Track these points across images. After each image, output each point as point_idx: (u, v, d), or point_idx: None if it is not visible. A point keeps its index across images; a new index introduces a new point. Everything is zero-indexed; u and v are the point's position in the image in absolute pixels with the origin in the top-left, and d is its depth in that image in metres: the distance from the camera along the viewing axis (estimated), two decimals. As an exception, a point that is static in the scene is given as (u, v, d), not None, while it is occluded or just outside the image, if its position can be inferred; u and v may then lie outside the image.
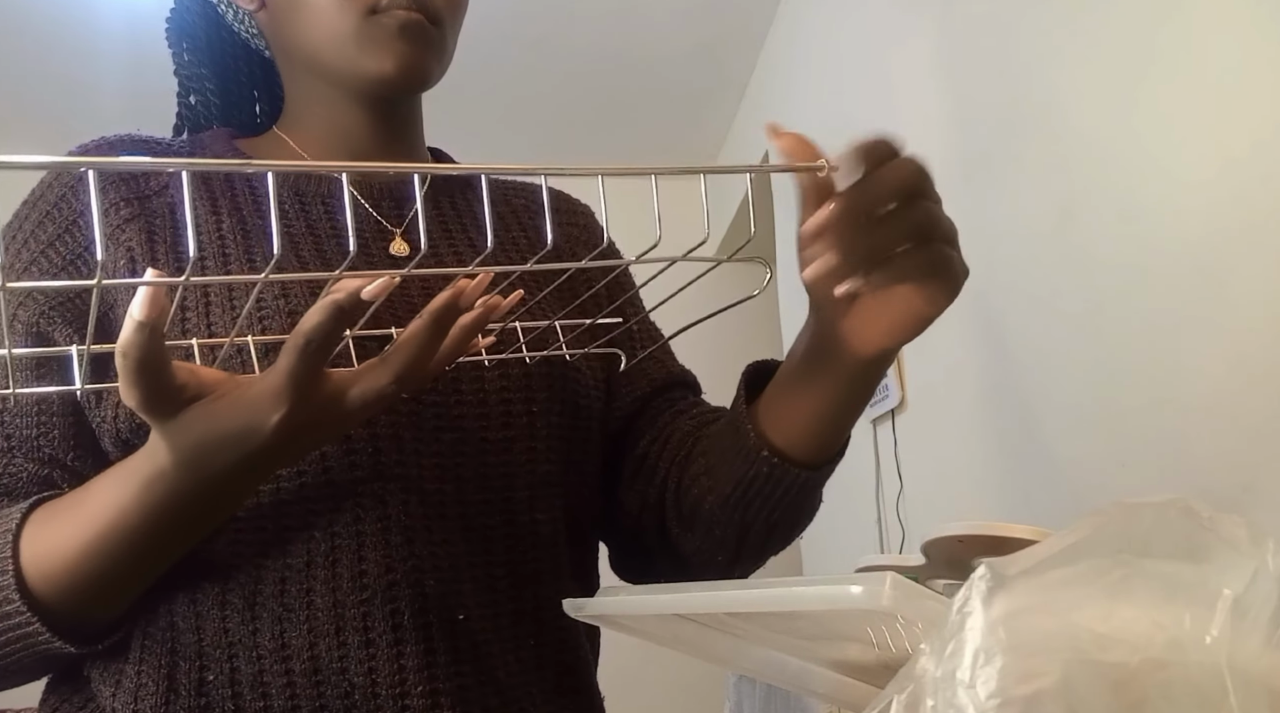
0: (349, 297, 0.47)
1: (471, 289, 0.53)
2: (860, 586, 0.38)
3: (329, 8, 0.72)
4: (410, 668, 0.65)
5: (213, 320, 0.66)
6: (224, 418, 0.51)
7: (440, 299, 0.52)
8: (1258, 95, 1.04)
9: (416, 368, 0.53)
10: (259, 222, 0.72)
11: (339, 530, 0.66)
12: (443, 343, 0.54)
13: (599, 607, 0.58)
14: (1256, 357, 1.05)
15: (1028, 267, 1.54)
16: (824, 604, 0.42)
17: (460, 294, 0.52)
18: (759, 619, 0.56)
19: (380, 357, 0.54)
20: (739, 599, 0.48)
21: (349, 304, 0.48)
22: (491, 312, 0.55)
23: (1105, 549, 0.35)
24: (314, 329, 0.48)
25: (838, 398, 0.65)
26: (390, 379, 0.53)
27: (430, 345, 0.53)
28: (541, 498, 0.73)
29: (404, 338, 0.53)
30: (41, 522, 0.60)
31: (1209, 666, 0.31)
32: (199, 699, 0.65)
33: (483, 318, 0.54)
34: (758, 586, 0.45)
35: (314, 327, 0.48)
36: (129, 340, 0.46)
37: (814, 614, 0.51)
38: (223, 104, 0.84)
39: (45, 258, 0.69)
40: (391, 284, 0.48)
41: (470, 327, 0.54)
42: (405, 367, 0.53)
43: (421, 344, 0.52)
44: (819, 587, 0.41)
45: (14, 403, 0.66)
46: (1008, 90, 1.61)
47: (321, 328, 0.48)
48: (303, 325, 0.49)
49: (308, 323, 0.48)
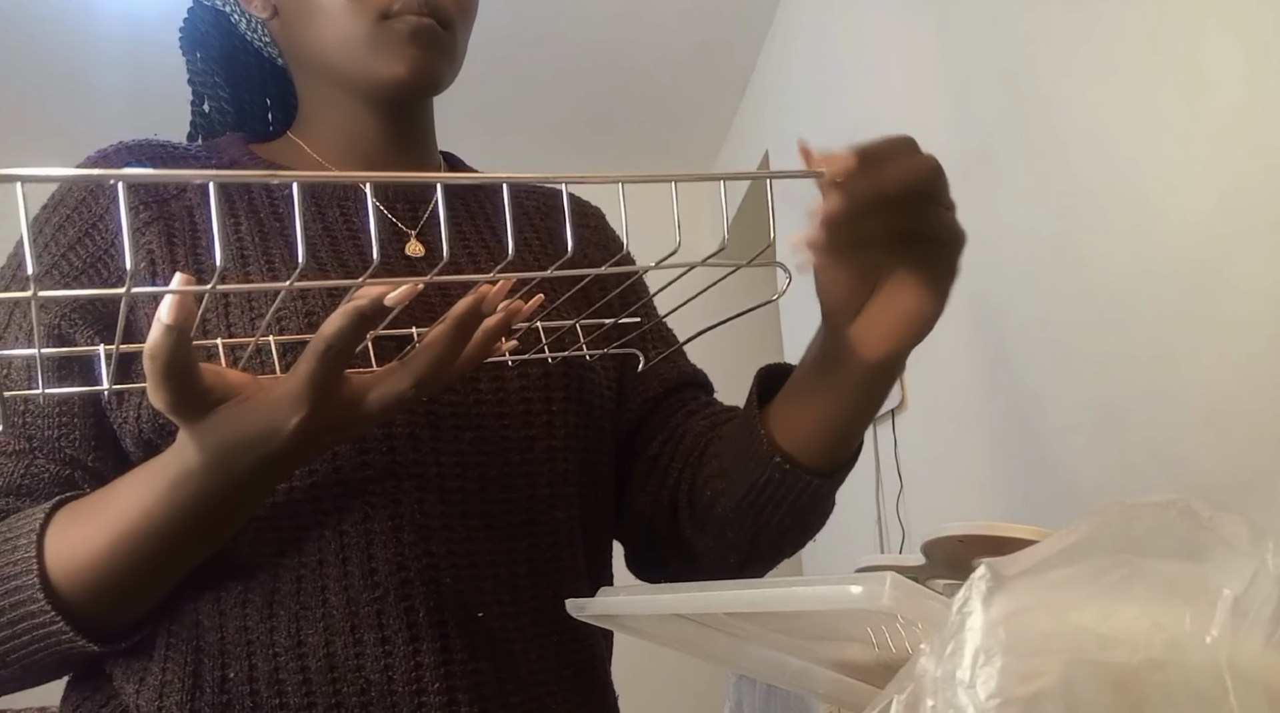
0: (372, 303, 0.48)
1: (494, 295, 0.53)
2: (860, 586, 0.38)
3: (341, 14, 0.72)
4: (427, 665, 0.66)
5: (232, 322, 0.67)
6: (247, 420, 0.52)
7: (463, 304, 0.52)
8: (1258, 95, 1.04)
9: (437, 372, 0.53)
10: (276, 225, 0.73)
11: (347, 529, 0.66)
12: (465, 347, 0.54)
13: (600, 606, 0.58)
14: (1257, 357, 1.05)
15: (1028, 267, 1.54)
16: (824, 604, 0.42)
17: (483, 299, 0.52)
18: (759, 619, 0.56)
19: (401, 360, 0.54)
20: (739, 599, 0.48)
21: (371, 311, 0.48)
22: (514, 316, 0.55)
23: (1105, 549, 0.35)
24: (335, 334, 0.49)
25: (848, 405, 0.66)
26: (411, 383, 0.53)
27: (453, 350, 0.53)
28: (561, 496, 0.74)
29: (426, 342, 0.53)
30: (65, 522, 0.61)
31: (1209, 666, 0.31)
32: (221, 697, 0.65)
33: (505, 322, 0.55)
34: (758, 586, 0.45)
35: (335, 332, 0.49)
36: (157, 343, 0.46)
37: (814, 614, 0.51)
38: (236, 111, 0.85)
39: (66, 261, 0.70)
40: (415, 291, 0.49)
41: (493, 331, 0.55)
42: (427, 371, 0.53)
43: (444, 348, 0.53)
44: (819, 587, 0.41)
45: (36, 404, 0.67)
46: (1008, 90, 1.61)
47: (343, 333, 0.49)
48: (324, 330, 0.49)
49: (329, 328, 0.49)
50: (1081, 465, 1.40)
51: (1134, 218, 1.26)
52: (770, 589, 0.44)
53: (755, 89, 3.24)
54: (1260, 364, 1.05)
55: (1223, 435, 1.10)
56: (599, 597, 0.59)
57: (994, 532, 0.83)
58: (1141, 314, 1.25)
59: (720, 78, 3.25)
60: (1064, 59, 1.42)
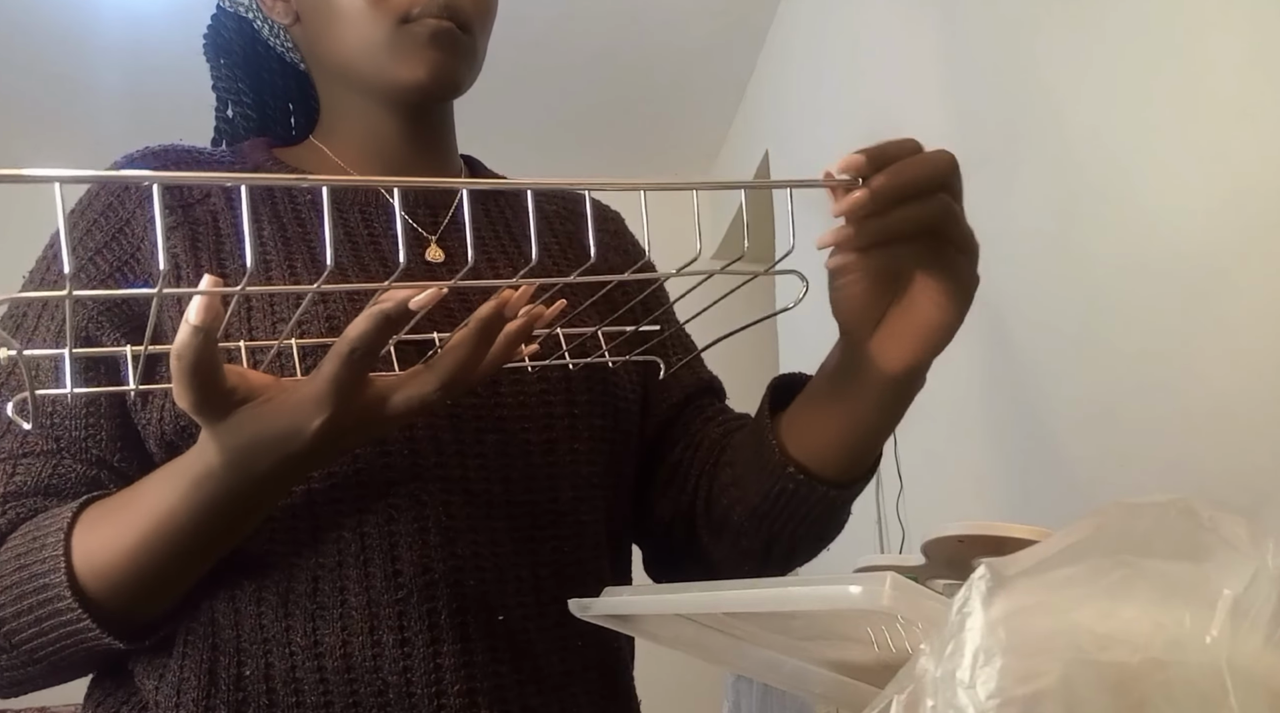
0: (397, 306, 0.48)
1: (516, 299, 0.54)
2: (860, 586, 0.38)
3: (361, 18, 0.73)
4: (447, 667, 0.66)
5: (254, 326, 0.67)
6: (270, 421, 0.53)
7: (486, 308, 0.53)
8: (1258, 96, 1.04)
9: (462, 375, 0.54)
10: (298, 229, 0.74)
11: (368, 530, 0.66)
12: (488, 351, 0.54)
13: (602, 606, 0.58)
14: (1257, 356, 1.05)
15: (1029, 265, 1.54)
16: (823, 604, 0.42)
17: (505, 304, 0.53)
18: (758, 619, 0.56)
19: (425, 363, 0.55)
20: (739, 599, 0.48)
21: (396, 314, 0.49)
22: (536, 321, 0.56)
23: (1105, 549, 0.35)
24: (359, 337, 0.49)
25: (867, 418, 0.66)
26: (435, 386, 0.54)
27: (476, 354, 0.54)
28: (586, 499, 0.74)
29: (449, 346, 0.54)
30: (92, 521, 0.61)
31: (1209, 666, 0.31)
32: (237, 694, 0.66)
33: (527, 327, 0.55)
34: (757, 586, 0.45)
35: (360, 335, 0.49)
36: (184, 344, 0.47)
37: (814, 614, 0.51)
38: (259, 117, 0.86)
39: (94, 264, 0.70)
40: (439, 295, 0.49)
41: (515, 335, 0.55)
42: (451, 374, 0.54)
43: (468, 352, 0.53)
44: (818, 587, 0.41)
45: (64, 405, 0.68)
46: (1008, 91, 1.61)
47: (367, 337, 0.49)
48: (349, 333, 0.50)
49: (354, 331, 0.49)
50: (1082, 465, 1.40)
51: (1135, 216, 1.26)
52: (769, 589, 0.44)
53: (755, 89, 3.24)
54: (1261, 364, 1.04)
55: (1223, 435, 1.10)
56: (601, 597, 0.59)
57: (994, 531, 0.83)
58: (1142, 313, 1.25)
59: (720, 78, 3.25)
60: (1065, 58, 1.42)
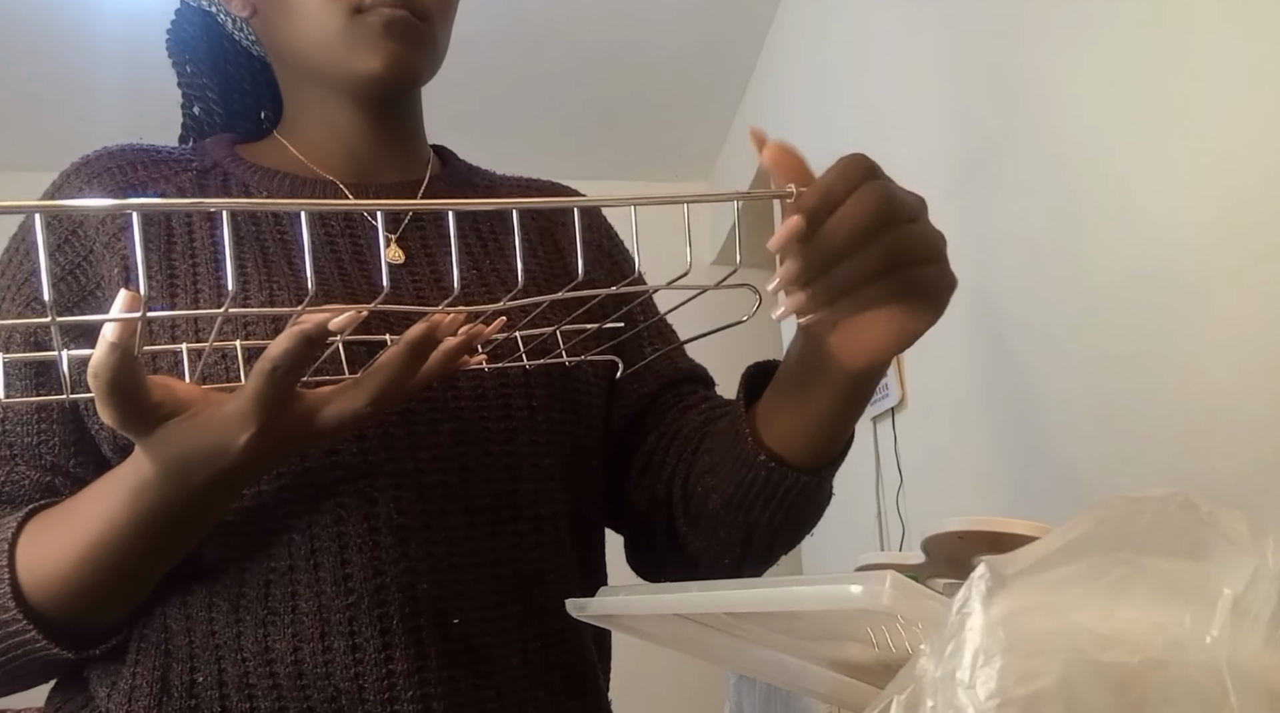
0: (317, 327, 0.48)
1: (447, 325, 0.53)
2: (860, 585, 0.38)
3: (315, 10, 0.72)
4: (400, 673, 0.65)
5: (200, 327, 0.67)
6: (197, 436, 0.52)
7: (415, 331, 0.52)
8: (1257, 96, 1.04)
9: (393, 391, 0.53)
10: (252, 228, 0.73)
11: (318, 533, 0.65)
12: (422, 367, 0.54)
13: (601, 607, 0.58)
14: (1256, 354, 1.05)
15: (1026, 265, 1.54)
16: (824, 604, 0.42)
17: (436, 327, 0.52)
18: (759, 619, 0.56)
19: (356, 379, 0.54)
20: (739, 599, 0.48)
21: (316, 335, 0.48)
22: (476, 339, 0.55)
23: (1105, 546, 0.35)
24: (281, 355, 0.49)
25: (830, 406, 0.64)
26: (365, 401, 0.53)
27: (408, 371, 0.53)
28: (545, 492, 0.72)
29: (380, 363, 0.53)
30: (36, 531, 0.61)
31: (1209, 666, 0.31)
32: (189, 701, 0.65)
33: (465, 344, 0.54)
34: (757, 585, 0.45)
35: (281, 353, 0.49)
36: (100, 361, 0.46)
37: (814, 614, 0.51)
38: (226, 113, 0.85)
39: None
40: (359, 317, 0.49)
41: (454, 352, 0.54)
42: (381, 390, 0.53)
43: (397, 370, 0.53)
44: (819, 587, 0.41)
45: (15, 412, 0.67)
46: (1008, 92, 1.61)
47: (289, 355, 0.49)
48: (270, 351, 0.49)
49: (275, 349, 0.49)
50: (1080, 460, 1.40)
51: (1132, 217, 1.26)
52: (770, 589, 0.44)
53: (755, 89, 3.24)
54: (1259, 362, 1.04)
55: (1222, 431, 1.10)
56: (599, 597, 0.58)
57: (993, 527, 0.82)
58: (1139, 312, 1.25)
59: (720, 78, 3.25)
60: (1063, 62, 1.42)
